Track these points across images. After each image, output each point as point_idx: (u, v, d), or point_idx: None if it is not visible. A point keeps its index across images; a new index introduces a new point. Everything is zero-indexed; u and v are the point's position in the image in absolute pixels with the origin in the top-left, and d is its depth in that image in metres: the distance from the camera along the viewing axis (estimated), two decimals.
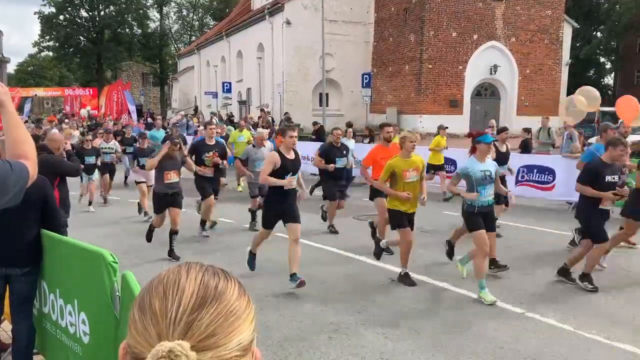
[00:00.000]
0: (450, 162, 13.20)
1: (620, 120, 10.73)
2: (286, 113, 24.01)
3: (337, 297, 5.86)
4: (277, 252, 7.35)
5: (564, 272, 6.31)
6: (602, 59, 46.87)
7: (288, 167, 6.07)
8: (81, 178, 10.66)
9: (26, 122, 19.84)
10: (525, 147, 12.99)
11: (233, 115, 27.41)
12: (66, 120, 22.86)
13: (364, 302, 5.71)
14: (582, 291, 6.05)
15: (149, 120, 26.24)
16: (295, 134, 6.31)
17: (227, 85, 30.65)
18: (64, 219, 5.46)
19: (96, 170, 11.42)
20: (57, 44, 52.59)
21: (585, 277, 6.08)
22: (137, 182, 10.30)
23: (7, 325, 4.37)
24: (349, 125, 18.68)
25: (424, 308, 5.59)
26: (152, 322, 0.72)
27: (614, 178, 6.02)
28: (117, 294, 2.97)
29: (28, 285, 3.77)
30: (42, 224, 3.79)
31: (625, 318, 5.31)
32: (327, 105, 25.53)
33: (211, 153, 8.61)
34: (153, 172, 9.61)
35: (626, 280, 6.53)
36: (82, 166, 10.00)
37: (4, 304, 3.91)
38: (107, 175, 11.92)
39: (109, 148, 12.04)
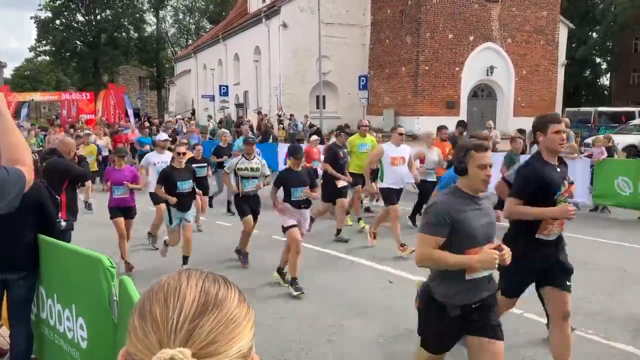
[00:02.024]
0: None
1: None
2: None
3: (336, 300, 5.86)
4: (276, 256, 7.35)
5: None
6: (598, 60, 47.00)
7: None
8: (170, 220, 6.88)
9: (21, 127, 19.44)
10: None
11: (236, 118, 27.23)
12: (71, 130, 22.29)
13: (362, 304, 5.70)
14: (580, 291, 6.05)
15: (146, 123, 26.12)
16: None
17: (224, 89, 30.67)
18: (70, 222, 5.47)
19: (192, 206, 7.13)
20: (54, 49, 52.54)
21: None
22: (285, 228, 6.19)
23: (4, 331, 4.36)
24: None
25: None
26: (153, 329, 0.72)
27: None
28: (115, 298, 2.97)
29: (26, 289, 3.77)
30: (39, 228, 3.78)
31: (623, 317, 5.32)
32: (324, 108, 25.55)
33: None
34: (307, 215, 6.44)
35: (623, 280, 6.54)
36: (175, 200, 6.64)
37: (1, 309, 3.90)
38: (251, 217, 7.19)
39: (250, 169, 7.18)
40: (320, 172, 9.77)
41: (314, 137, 12.72)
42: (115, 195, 7.13)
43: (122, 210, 7.14)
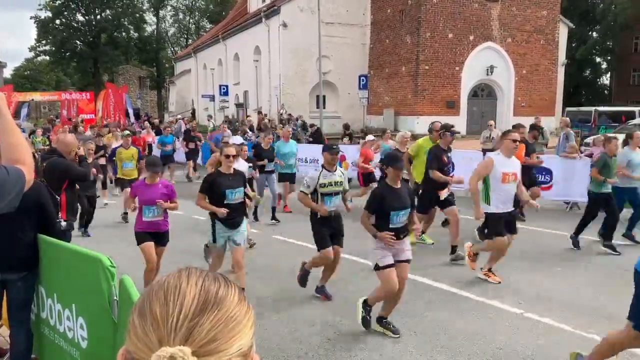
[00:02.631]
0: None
1: None
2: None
3: (336, 299, 5.85)
4: (275, 255, 7.36)
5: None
6: (598, 59, 47.01)
7: None
8: (214, 237, 5.70)
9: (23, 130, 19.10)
10: None
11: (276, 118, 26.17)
12: (77, 130, 21.86)
13: None
14: (581, 291, 6.06)
15: (146, 123, 26.06)
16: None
17: (224, 88, 30.68)
18: (70, 222, 5.48)
19: (244, 224, 5.90)
20: (54, 48, 52.63)
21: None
22: (380, 267, 4.84)
23: (4, 331, 4.36)
24: (346, 127, 18.65)
25: (423, 309, 5.58)
26: (153, 328, 0.72)
27: None
28: (115, 298, 2.97)
29: (26, 290, 3.77)
30: (39, 228, 3.78)
31: (623, 318, 5.31)
32: (324, 107, 25.54)
33: None
34: (407, 244, 5.08)
35: (624, 280, 6.53)
36: (225, 211, 5.47)
37: (1, 309, 3.90)
38: (331, 249, 5.81)
39: (335, 183, 5.82)
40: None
41: (370, 137, 11.29)
42: (146, 217, 5.71)
43: (153, 235, 5.82)
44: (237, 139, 7.49)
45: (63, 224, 5.27)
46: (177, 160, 16.78)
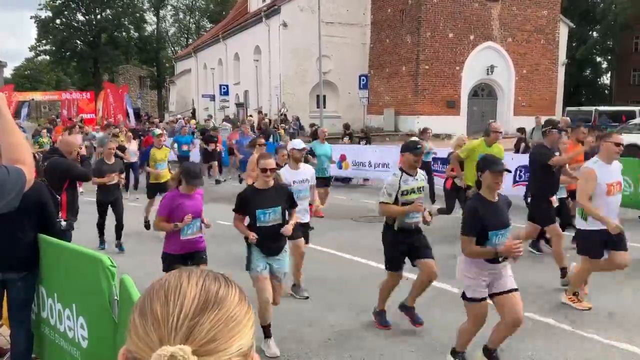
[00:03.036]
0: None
1: None
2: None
3: (336, 299, 5.86)
4: None
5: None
6: (598, 59, 47.02)
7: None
8: (248, 263, 4.60)
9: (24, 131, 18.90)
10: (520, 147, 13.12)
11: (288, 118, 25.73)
12: (78, 129, 21.61)
13: (363, 303, 5.70)
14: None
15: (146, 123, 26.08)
16: None
17: (224, 88, 30.69)
18: (70, 222, 5.49)
19: (285, 251, 4.89)
20: (54, 48, 52.69)
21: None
22: (471, 299, 4.08)
23: (5, 330, 4.36)
24: (347, 127, 18.66)
25: (424, 309, 5.57)
26: (154, 327, 0.73)
27: None
28: (116, 298, 2.97)
29: (26, 290, 3.77)
30: (39, 228, 3.78)
31: (624, 317, 5.32)
32: (324, 107, 25.53)
33: None
34: (507, 273, 4.11)
35: (625, 280, 6.53)
36: (254, 237, 4.43)
37: (2, 309, 3.91)
38: (402, 273, 5.19)
39: (417, 189, 4.88)
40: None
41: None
42: (184, 235, 4.65)
43: (187, 257, 4.73)
44: (299, 143, 6.22)
45: (63, 223, 5.28)
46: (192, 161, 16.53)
